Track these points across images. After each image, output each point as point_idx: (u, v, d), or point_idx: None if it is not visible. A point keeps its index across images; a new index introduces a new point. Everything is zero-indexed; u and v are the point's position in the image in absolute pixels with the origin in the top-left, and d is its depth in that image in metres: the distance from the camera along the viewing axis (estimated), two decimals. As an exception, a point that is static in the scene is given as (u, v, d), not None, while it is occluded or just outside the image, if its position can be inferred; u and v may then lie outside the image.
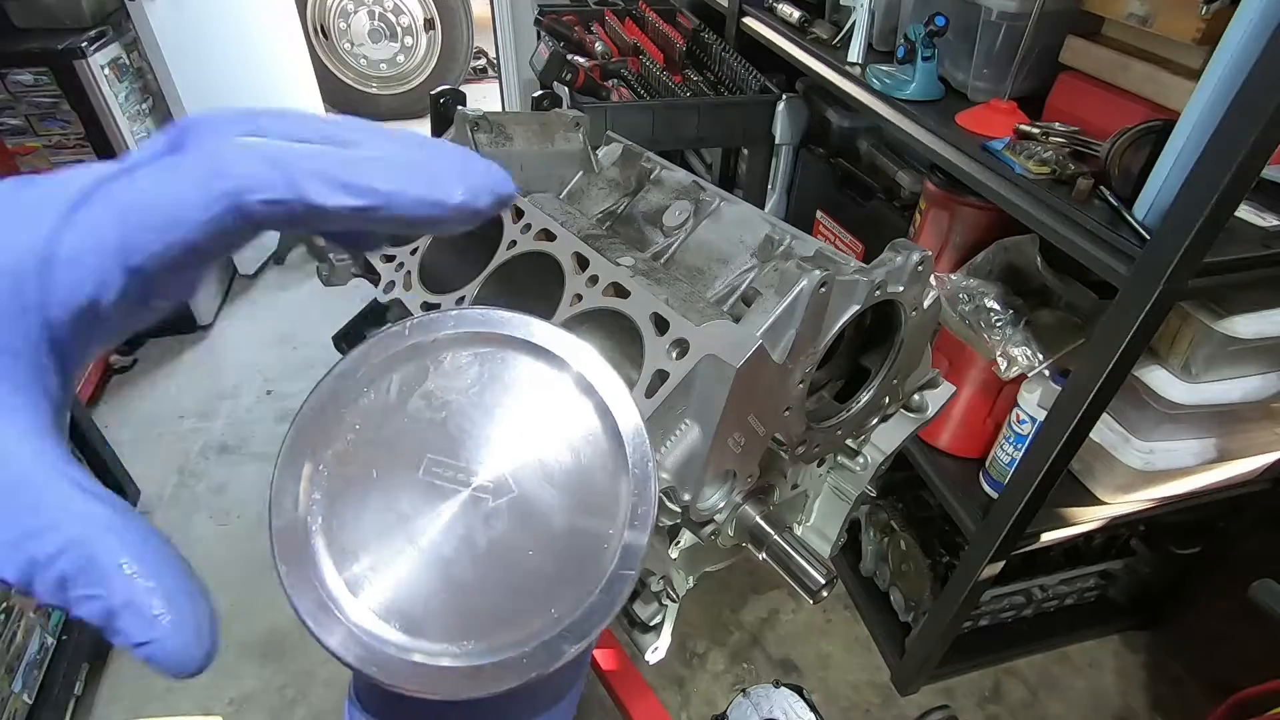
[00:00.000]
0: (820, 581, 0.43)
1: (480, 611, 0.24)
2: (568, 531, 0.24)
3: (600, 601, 0.24)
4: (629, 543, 0.24)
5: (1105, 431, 1.20)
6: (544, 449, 0.25)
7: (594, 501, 0.24)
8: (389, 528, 0.24)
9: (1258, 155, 0.76)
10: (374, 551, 0.24)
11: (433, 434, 0.25)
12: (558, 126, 0.65)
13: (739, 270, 0.52)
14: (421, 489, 0.24)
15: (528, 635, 0.23)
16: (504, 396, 0.25)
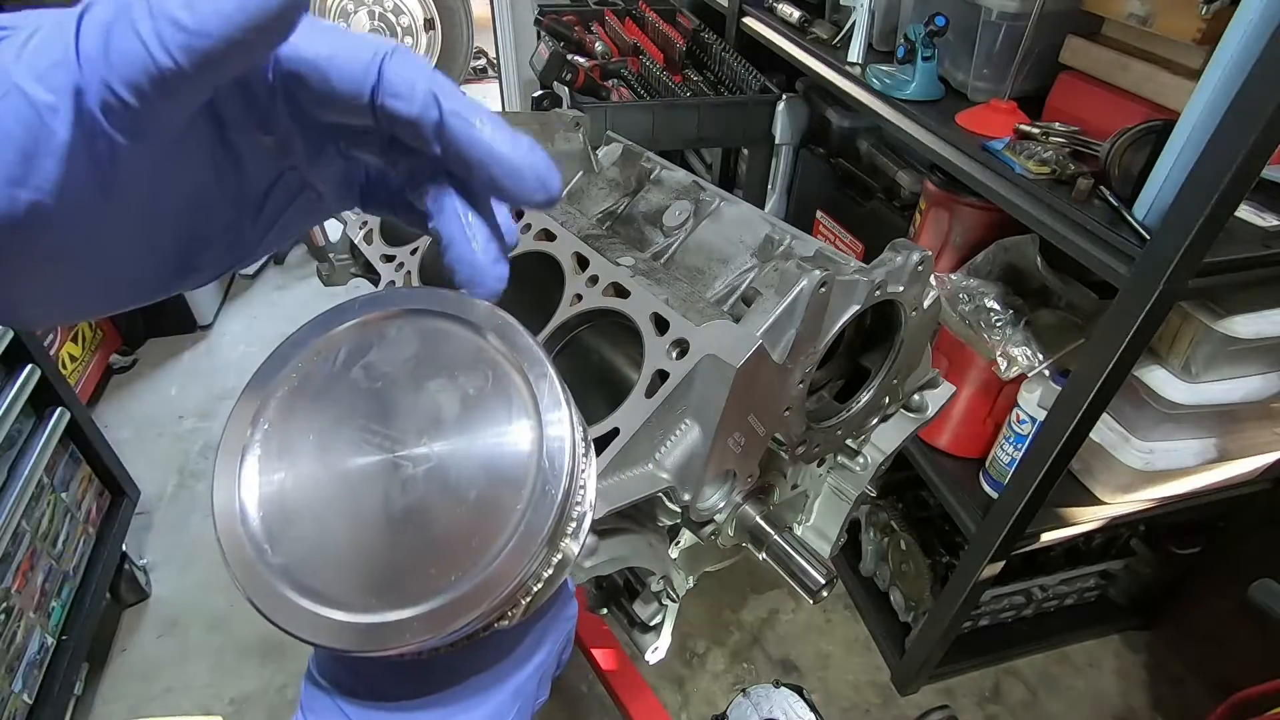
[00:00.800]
0: (820, 581, 0.43)
1: (385, 571, 0.25)
2: (476, 504, 0.25)
3: (495, 574, 0.24)
4: (529, 524, 0.24)
5: (1105, 431, 1.20)
6: (467, 425, 0.26)
7: (506, 479, 0.25)
8: (315, 483, 0.26)
9: (1258, 155, 0.76)
10: (297, 506, 0.26)
11: (368, 402, 0.26)
12: (558, 126, 0.65)
13: (739, 270, 0.52)
14: (350, 451, 0.26)
15: (426, 597, 0.24)
16: (438, 372, 0.26)
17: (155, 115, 0.19)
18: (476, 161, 0.24)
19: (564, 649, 0.34)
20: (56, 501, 1.52)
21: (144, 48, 0.18)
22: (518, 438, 0.25)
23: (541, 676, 0.32)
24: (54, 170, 0.19)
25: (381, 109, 0.23)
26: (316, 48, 0.23)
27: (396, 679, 0.29)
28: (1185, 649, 1.75)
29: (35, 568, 1.42)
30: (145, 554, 1.90)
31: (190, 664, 1.68)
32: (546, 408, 0.25)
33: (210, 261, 0.27)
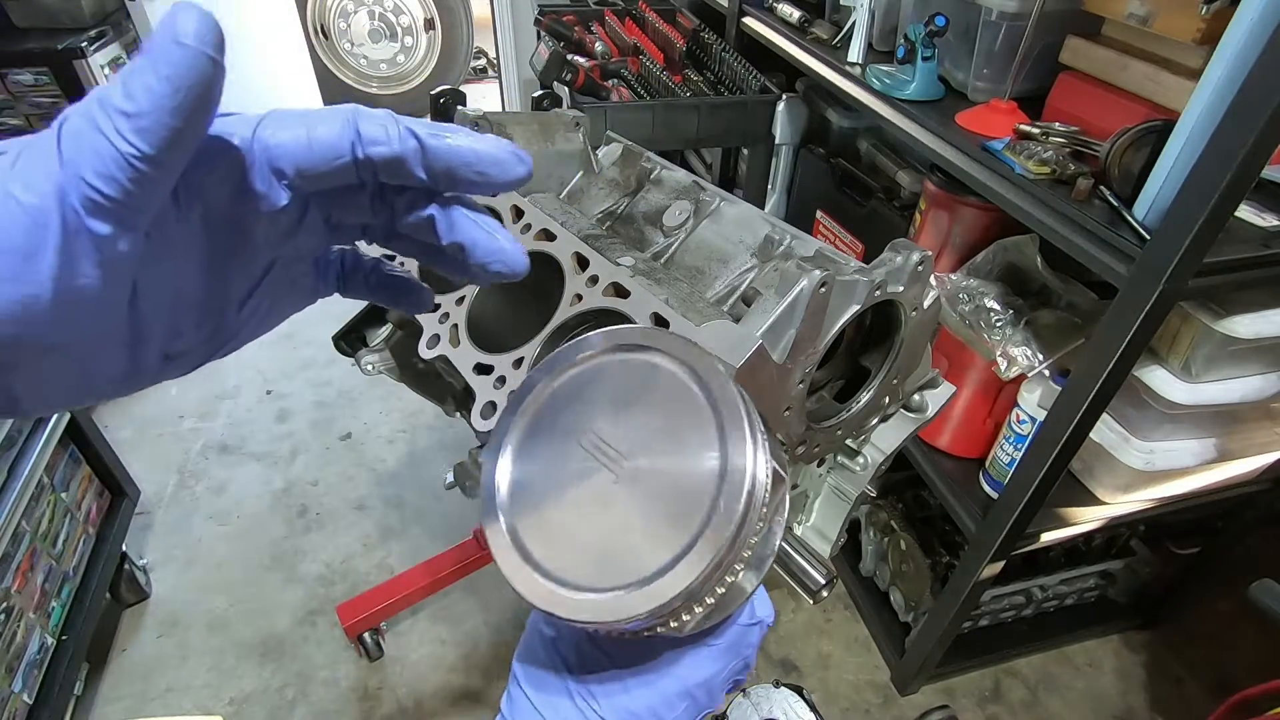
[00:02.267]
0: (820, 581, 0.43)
1: (585, 558, 0.30)
2: (664, 519, 0.29)
3: (662, 584, 0.28)
4: (700, 548, 0.28)
5: (1105, 431, 1.20)
6: (668, 450, 0.31)
7: (691, 504, 0.29)
8: (548, 479, 0.32)
9: (1258, 155, 0.76)
10: (534, 494, 0.32)
11: (598, 415, 0.32)
12: (558, 126, 0.65)
13: (739, 270, 0.52)
14: (577, 456, 0.32)
15: (609, 587, 0.29)
16: (654, 401, 0.32)
17: (130, 201, 0.22)
18: (462, 164, 0.28)
19: (741, 670, 0.39)
20: (56, 501, 1.52)
21: (106, 140, 0.21)
22: (707, 469, 0.29)
23: (711, 689, 0.37)
24: (47, 266, 0.21)
25: (366, 161, 0.26)
26: (294, 132, 0.26)
27: (594, 648, 0.35)
28: (1185, 649, 1.75)
29: (35, 568, 1.42)
30: (145, 554, 1.90)
31: (190, 664, 1.68)
32: (734, 447, 0.29)
33: (194, 350, 0.30)
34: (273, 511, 2.03)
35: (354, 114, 0.26)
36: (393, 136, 0.26)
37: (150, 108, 0.21)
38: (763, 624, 0.39)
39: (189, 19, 0.21)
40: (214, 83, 0.22)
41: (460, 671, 1.68)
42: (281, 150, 0.26)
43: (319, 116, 0.26)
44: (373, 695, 1.64)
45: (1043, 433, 1.12)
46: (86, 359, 0.26)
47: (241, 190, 0.26)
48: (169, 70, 0.21)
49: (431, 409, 1.60)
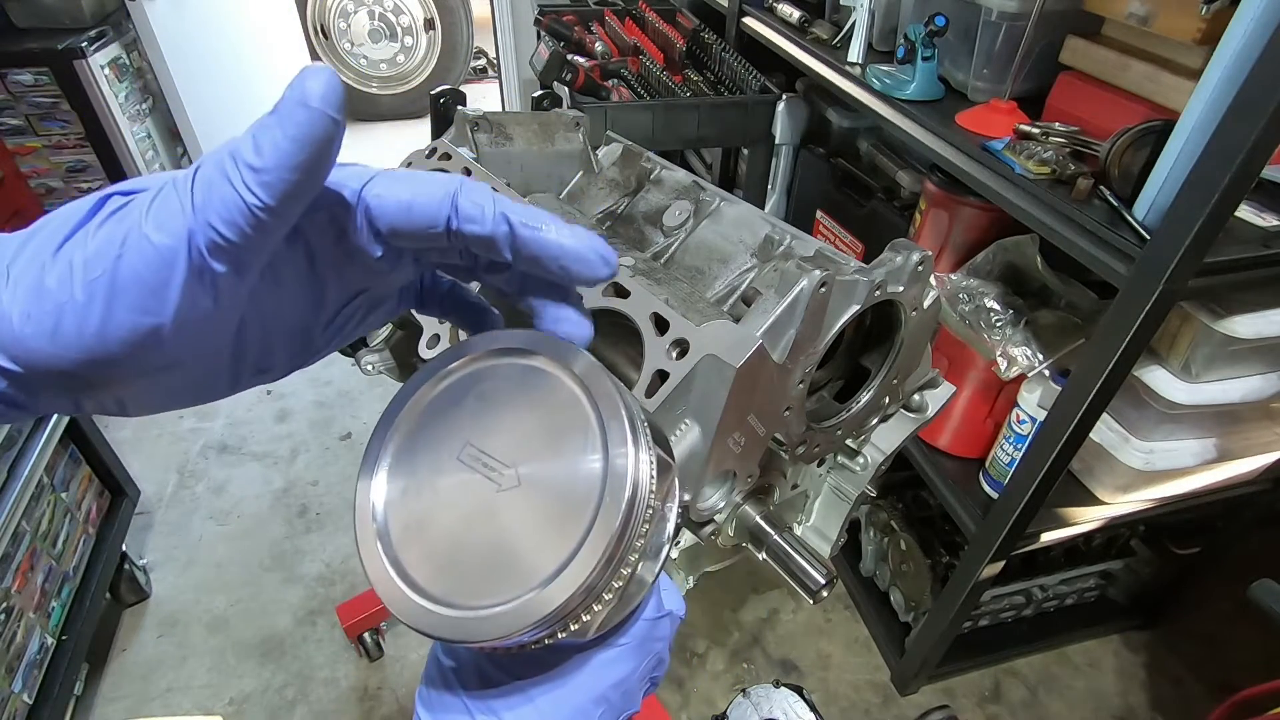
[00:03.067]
0: (820, 581, 0.43)
1: (474, 573, 0.29)
2: (551, 523, 0.29)
3: (558, 585, 0.28)
4: (590, 544, 0.28)
5: (1105, 431, 1.20)
6: (549, 453, 0.30)
7: (577, 503, 0.29)
8: (427, 492, 0.31)
9: (1258, 155, 0.76)
10: (413, 510, 0.31)
11: (475, 425, 0.31)
12: (558, 126, 0.65)
13: (739, 270, 0.52)
14: (456, 467, 0.31)
15: (503, 599, 0.28)
16: (531, 405, 0.31)
17: (249, 245, 0.24)
18: (548, 257, 0.29)
19: (654, 668, 0.38)
20: (56, 501, 1.52)
21: (234, 190, 0.23)
22: (589, 469, 0.29)
23: (626, 690, 0.36)
24: (172, 300, 0.24)
25: (458, 234, 0.28)
26: (398, 194, 0.28)
27: (496, 668, 0.34)
28: (1185, 649, 1.75)
29: (35, 568, 1.42)
30: (145, 554, 1.90)
31: (190, 664, 1.68)
32: (614, 443, 0.29)
33: (282, 364, 0.32)
34: (273, 511, 2.03)
35: (456, 189, 0.28)
36: (487, 218, 0.28)
37: (275, 164, 0.23)
38: (673, 616, 0.38)
39: (317, 82, 0.23)
40: (334, 141, 0.24)
41: (460, 671, 1.68)
42: (382, 211, 0.28)
43: (423, 185, 0.28)
44: (373, 695, 1.64)
45: (1043, 433, 1.12)
46: (191, 375, 0.28)
47: (343, 238, 0.29)
48: (295, 131, 0.23)
49: (431, 409, 1.60)
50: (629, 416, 0.30)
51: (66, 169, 2.26)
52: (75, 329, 0.23)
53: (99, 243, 0.23)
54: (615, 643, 0.35)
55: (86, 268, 0.23)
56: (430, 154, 0.59)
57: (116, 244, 0.23)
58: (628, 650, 0.36)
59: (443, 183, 0.28)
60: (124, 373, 0.25)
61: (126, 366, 0.25)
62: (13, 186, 2.08)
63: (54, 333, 0.23)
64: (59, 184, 2.28)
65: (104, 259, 0.23)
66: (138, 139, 2.29)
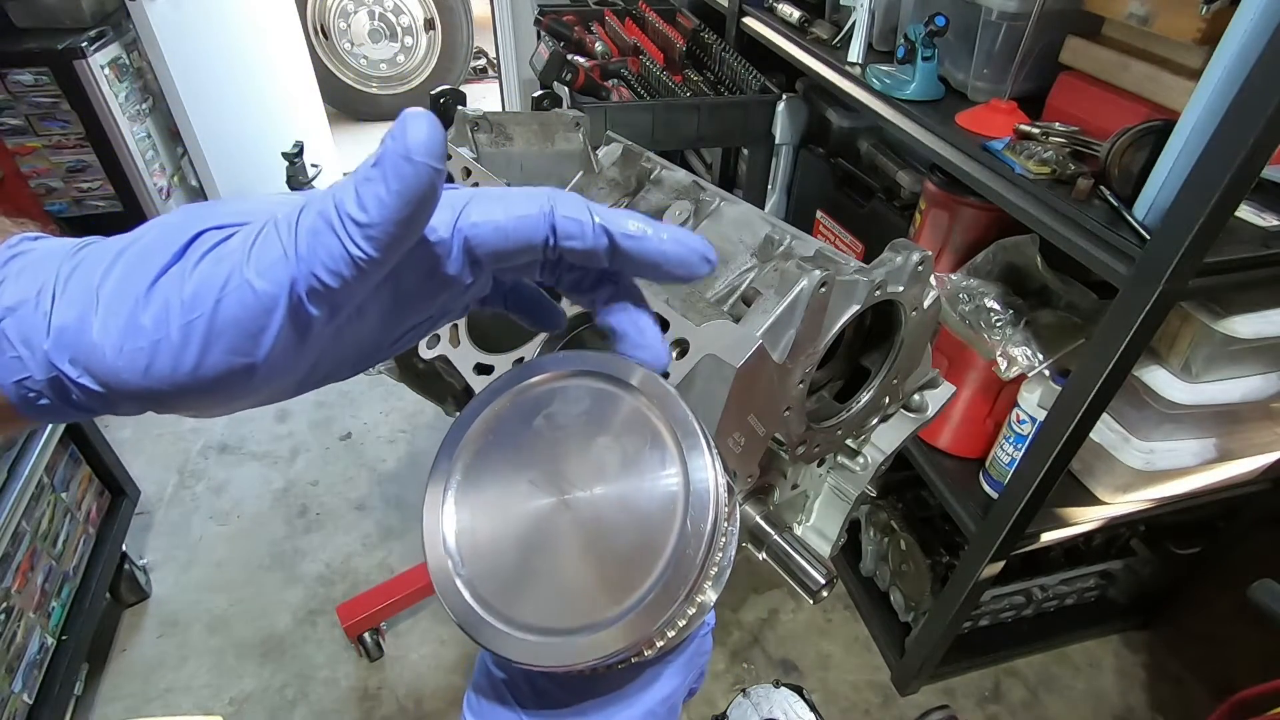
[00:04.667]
0: (820, 581, 0.43)
1: (547, 599, 0.29)
2: (628, 551, 0.28)
3: (637, 619, 0.27)
4: (672, 577, 0.27)
5: (1105, 431, 1.20)
6: (626, 479, 0.29)
7: (655, 533, 0.28)
8: (499, 516, 0.30)
9: (1258, 155, 0.76)
10: (484, 535, 0.30)
11: (547, 448, 0.31)
12: (558, 126, 0.65)
13: (739, 270, 0.52)
14: (529, 491, 0.30)
15: (579, 628, 0.28)
16: (605, 429, 0.31)
17: (347, 291, 0.24)
18: (649, 265, 0.29)
19: (696, 680, 0.40)
20: (56, 501, 1.52)
21: (339, 242, 0.23)
22: (667, 497, 0.28)
23: (672, 704, 0.36)
24: (267, 342, 0.24)
25: (556, 249, 0.28)
26: (494, 218, 0.27)
27: (550, 683, 0.34)
28: (1185, 649, 1.75)
29: (35, 568, 1.42)
30: (145, 554, 1.90)
31: (190, 664, 1.68)
32: (694, 469, 0.29)
33: (346, 374, 0.33)
34: (273, 511, 2.03)
35: (551, 205, 0.27)
36: (586, 233, 0.28)
37: (379, 219, 0.23)
38: (711, 627, 0.39)
39: (419, 132, 0.23)
40: (437, 191, 0.24)
41: (460, 671, 1.68)
42: (479, 239, 0.27)
43: (517, 204, 0.27)
44: (373, 695, 1.64)
45: (1043, 433, 1.12)
46: (271, 393, 0.29)
47: (435, 270, 0.28)
48: (399, 185, 0.23)
49: (431, 409, 1.60)
50: (707, 443, 0.29)
51: (66, 169, 2.26)
52: (169, 367, 0.24)
53: (196, 284, 0.24)
54: (670, 659, 0.36)
55: (184, 309, 0.23)
56: (430, 154, 0.59)
57: (216, 287, 0.23)
58: (679, 667, 0.36)
59: (536, 199, 0.27)
60: (206, 400, 0.26)
61: (210, 396, 0.26)
62: (13, 186, 2.08)
63: (147, 369, 0.24)
64: (59, 184, 2.28)
65: (203, 302, 0.23)
66: (138, 139, 2.29)
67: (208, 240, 0.25)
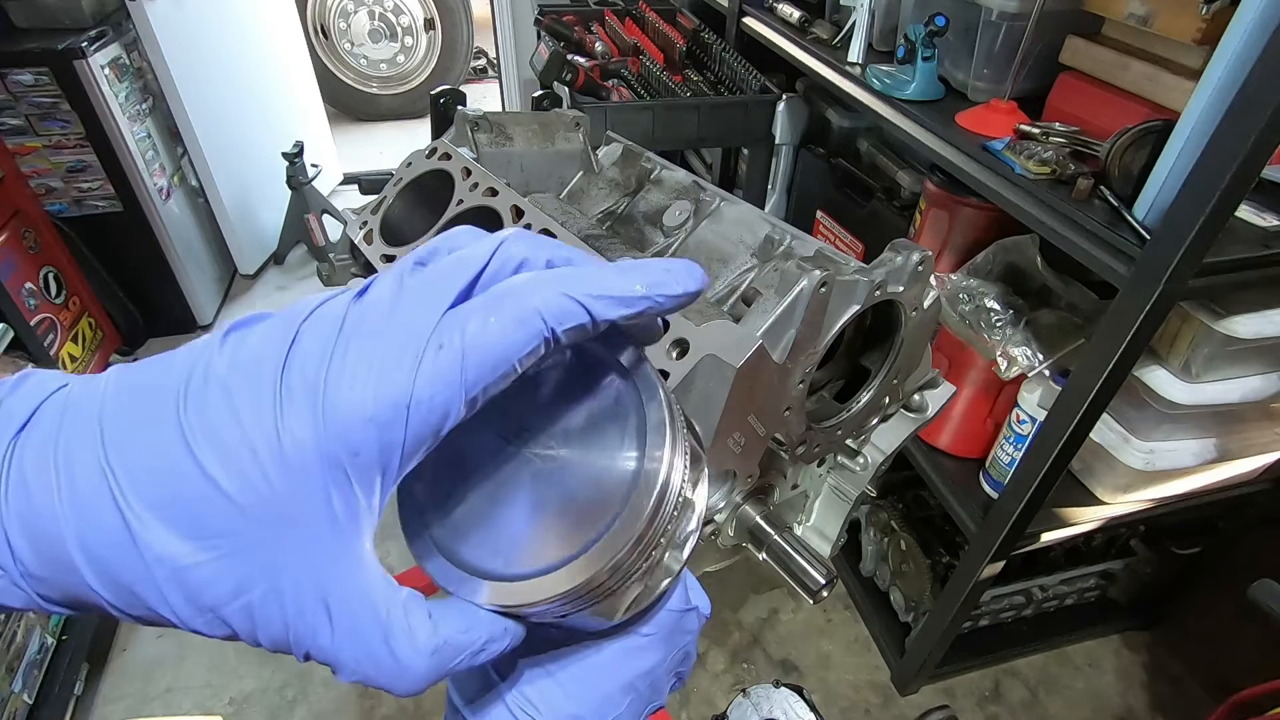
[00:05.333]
0: (820, 581, 0.43)
1: (506, 541, 0.30)
2: (585, 504, 0.30)
3: (586, 560, 0.28)
4: (622, 523, 0.29)
5: (1105, 431, 1.20)
6: (590, 439, 0.31)
7: (610, 488, 0.30)
8: (468, 462, 0.31)
9: (1258, 155, 0.76)
10: (452, 478, 0.31)
11: (520, 403, 0.32)
12: (558, 126, 0.65)
13: (739, 270, 0.52)
14: (498, 441, 0.31)
15: (534, 569, 0.29)
16: (578, 392, 0.32)
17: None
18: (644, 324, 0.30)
19: (681, 662, 0.39)
20: (56, 501, 1.52)
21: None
22: (626, 453, 0.30)
23: (653, 681, 0.36)
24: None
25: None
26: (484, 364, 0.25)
27: (524, 648, 0.33)
28: (1185, 649, 1.75)
29: (35, 568, 1.42)
30: (145, 554, 1.90)
31: (190, 664, 1.68)
32: (652, 430, 0.30)
33: None
34: (273, 511, 2.02)
35: (544, 319, 0.25)
36: (588, 330, 0.26)
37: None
38: (699, 611, 0.38)
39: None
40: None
41: (460, 671, 1.68)
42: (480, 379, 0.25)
43: (509, 330, 0.24)
44: (373, 695, 1.64)
45: (1043, 433, 1.12)
46: None
47: None
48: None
49: (431, 409, 1.60)
50: (667, 405, 0.30)
51: (66, 169, 2.26)
52: None
53: None
54: (641, 632, 0.35)
55: None
56: (430, 154, 0.59)
57: None
58: (656, 640, 0.36)
59: (529, 322, 0.25)
60: None
61: None
62: (13, 186, 2.08)
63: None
64: (59, 184, 2.28)
65: None
66: (138, 139, 2.29)
67: None
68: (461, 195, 0.54)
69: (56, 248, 2.21)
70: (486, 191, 0.53)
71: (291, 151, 2.71)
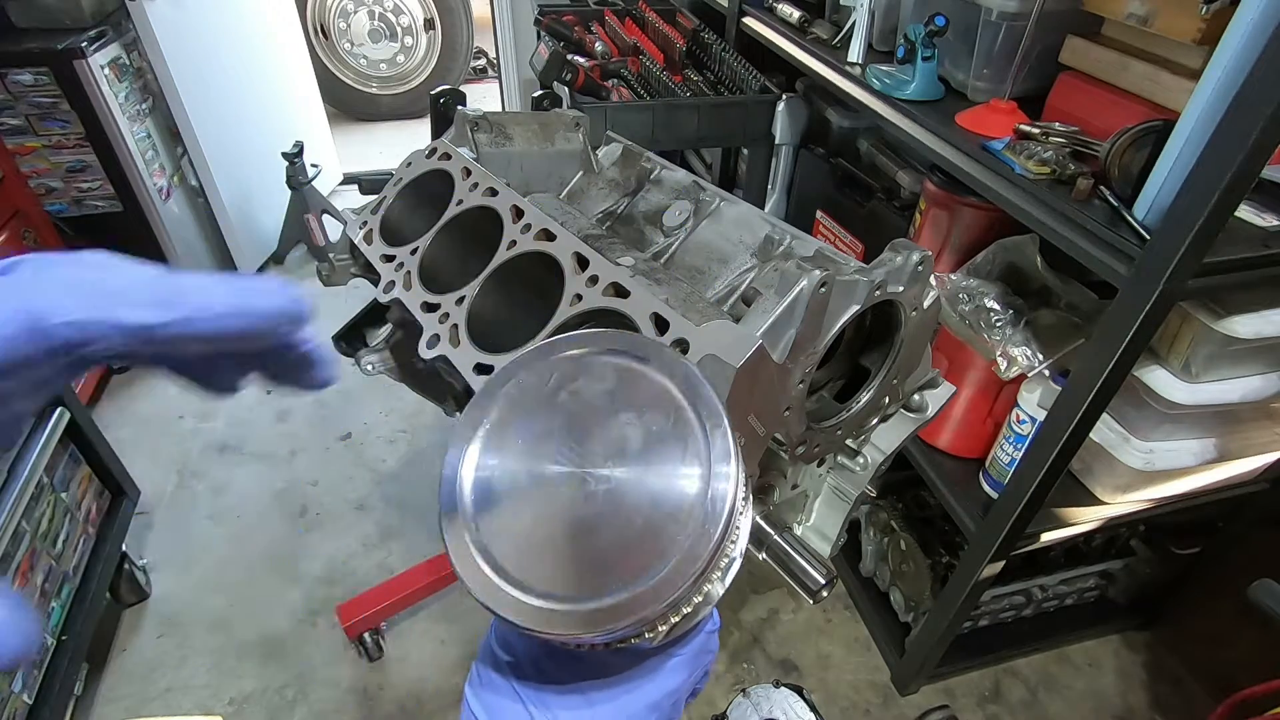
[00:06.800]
0: (820, 581, 0.43)
1: (558, 567, 0.28)
2: (643, 529, 0.28)
3: (647, 593, 0.27)
4: (685, 556, 0.27)
5: (1105, 431, 1.20)
6: (647, 458, 0.30)
7: (672, 513, 0.28)
8: (517, 480, 0.30)
9: (1258, 155, 0.76)
10: (500, 495, 0.30)
11: (570, 421, 0.31)
12: (558, 126, 0.65)
13: (739, 270, 0.52)
14: (549, 460, 0.30)
15: (588, 598, 0.28)
16: (628, 407, 0.31)
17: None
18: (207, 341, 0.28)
19: (702, 678, 0.39)
20: (56, 501, 1.52)
21: None
22: (688, 479, 0.29)
23: (676, 700, 0.36)
24: None
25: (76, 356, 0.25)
26: None
27: (556, 665, 0.33)
28: (1185, 649, 1.75)
29: (35, 568, 1.42)
30: (145, 554, 1.90)
31: (190, 664, 1.68)
32: (717, 458, 0.29)
33: None
34: (272, 511, 2.03)
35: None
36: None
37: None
38: (718, 627, 0.39)
39: None
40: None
41: (460, 671, 1.68)
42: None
43: None
44: (373, 695, 1.64)
45: (1043, 433, 1.12)
46: None
47: None
48: None
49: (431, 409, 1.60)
50: (732, 436, 0.29)
51: (66, 169, 2.26)
52: None
53: None
54: (674, 652, 0.35)
55: None
56: (430, 154, 0.59)
57: None
58: (684, 660, 0.36)
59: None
60: None
61: None
62: (13, 186, 2.08)
63: None
64: (59, 184, 2.28)
65: None
66: (138, 139, 2.29)
67: None
68: (461, 195, 0.54)
69: (56, 248, 2.21)
70: (486, 191, 0.53)
71: (291, 151, 2.71)
